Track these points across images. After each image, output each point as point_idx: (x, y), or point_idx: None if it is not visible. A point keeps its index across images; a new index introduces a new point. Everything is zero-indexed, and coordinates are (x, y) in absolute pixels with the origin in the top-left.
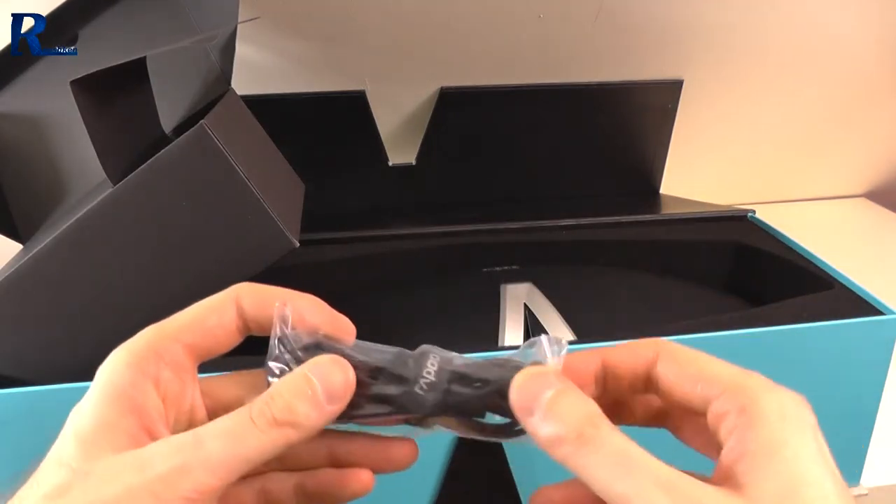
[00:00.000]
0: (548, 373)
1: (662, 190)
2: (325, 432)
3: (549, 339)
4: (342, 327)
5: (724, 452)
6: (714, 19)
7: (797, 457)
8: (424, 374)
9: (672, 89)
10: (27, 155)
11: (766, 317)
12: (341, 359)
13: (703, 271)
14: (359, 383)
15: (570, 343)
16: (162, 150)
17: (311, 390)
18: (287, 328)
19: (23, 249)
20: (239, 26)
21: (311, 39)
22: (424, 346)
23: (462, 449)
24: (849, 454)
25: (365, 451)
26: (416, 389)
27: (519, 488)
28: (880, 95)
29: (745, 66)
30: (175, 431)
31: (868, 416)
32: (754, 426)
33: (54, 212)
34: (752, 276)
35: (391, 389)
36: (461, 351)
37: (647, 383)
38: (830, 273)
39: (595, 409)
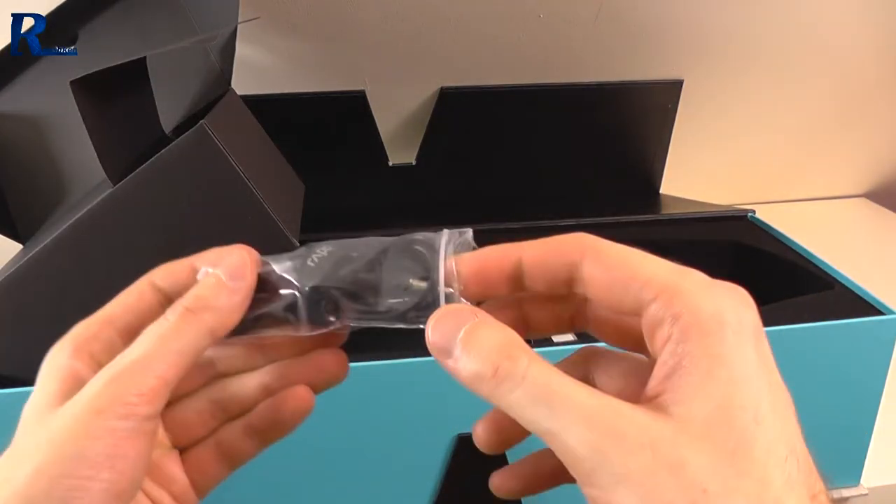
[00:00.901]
0: (462, 309)
1: (662, 190)
2: (256, 369)
3: (451, 234)
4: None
5: (657, 366)
6: (714, 19)
7: (732, 375)
8: (318, 251)
9: (672, 89)
10: (27, 155)
11: (765, 317)
12: (239, 245)
13: (703, 271)
14: (265, 288)
15: (571, 343)
16: (162, 150)
17: (214, 277)
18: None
19: (23, 249)
20: (239, 26)
21: (311, 39)
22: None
23: (462, 449)
24: (849, 454)
25: (295, 371)
26: (308, 262)
27: None
28: (880, 95)
29: (745, 67)
30: None
31: (868, 416)
32: (689, 338)
33: (54, 212)
34: (752, 276)
35: (290, 274)
36: None
37: (569, 284)
38: (830, 273)
39: (512, 337)
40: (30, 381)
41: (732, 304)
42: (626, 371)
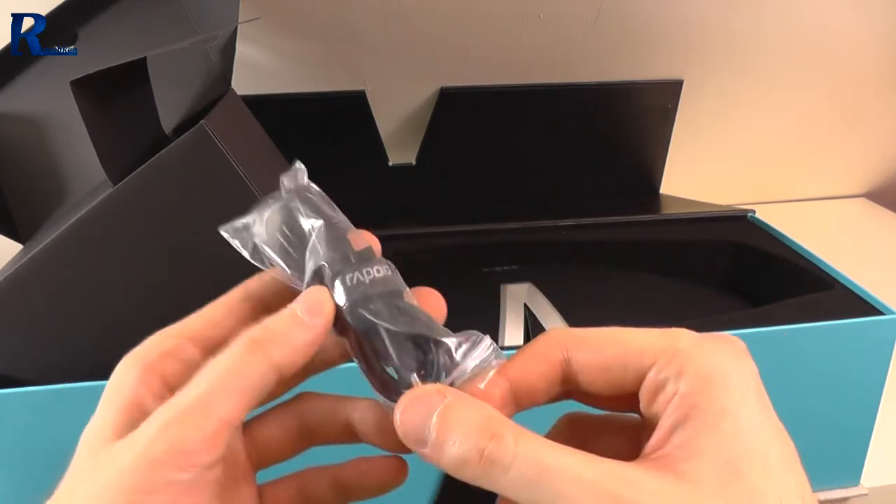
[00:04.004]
0: (429, 392)
1: (662, 190)
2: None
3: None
4: None
5: (661, 421)
6: (714, 19)
7: (738, 427)
8: (364, 272)
9: (672, 89)
10: (27, 155)
11: (766, 317)
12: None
13: (703, 271)
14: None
15: None
16: (162, 150)
17: (289, 310)
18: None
19: (23, 249)
20: (239, 26)
21: (311, 39)
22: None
23: None
24: (849, 454)
25: (381, 416)
26: (359, 275)
27: None
28: (880, 95)
29: (745, 66)
30: None
31: (868, 416)
32: (693, 391)
33: (54, 212)
34: (752, 276)
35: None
36: None
37: (565, 383)
38: (830, 273)
39: (491, 413)
40: (30, 381)
41: (730, 356)
42: (617, 431)
